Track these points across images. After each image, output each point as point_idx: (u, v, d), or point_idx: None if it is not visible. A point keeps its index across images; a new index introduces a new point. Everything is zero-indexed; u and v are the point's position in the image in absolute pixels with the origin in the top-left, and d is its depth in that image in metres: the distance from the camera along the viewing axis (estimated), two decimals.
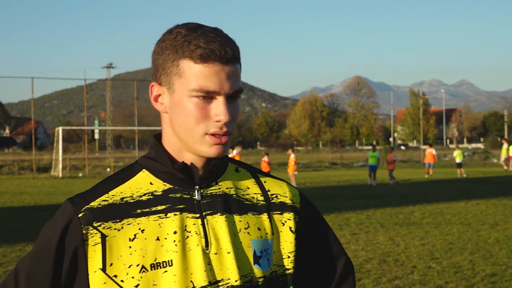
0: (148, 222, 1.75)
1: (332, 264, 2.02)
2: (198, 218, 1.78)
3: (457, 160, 41.11)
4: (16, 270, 1.80)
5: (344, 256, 2.04)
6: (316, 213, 2.04)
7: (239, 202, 1.87)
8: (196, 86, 1.71)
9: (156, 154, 1.84)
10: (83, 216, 1.73)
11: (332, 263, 2.02)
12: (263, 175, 2.00)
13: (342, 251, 2.04)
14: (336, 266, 2.02)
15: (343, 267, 2.03)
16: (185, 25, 1.77)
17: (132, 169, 1.86)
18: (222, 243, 1.77)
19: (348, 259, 2.06)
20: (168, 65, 1.75)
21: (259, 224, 1.87)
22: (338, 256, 2.03)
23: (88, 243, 1.71)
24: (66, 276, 1.74)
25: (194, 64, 1.71)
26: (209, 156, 1.77)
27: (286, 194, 1.97)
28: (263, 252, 1.84)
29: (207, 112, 1.73)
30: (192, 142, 1.76)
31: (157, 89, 1.82)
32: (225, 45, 1.72)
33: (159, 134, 1.91)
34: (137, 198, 1.78)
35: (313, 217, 2.02)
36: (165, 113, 1.83)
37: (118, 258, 1.71)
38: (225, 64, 1.72)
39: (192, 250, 1.74)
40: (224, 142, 1.76)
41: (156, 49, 1.80)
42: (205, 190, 1.83)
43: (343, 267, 2.03)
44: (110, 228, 1.73)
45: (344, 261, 2.03)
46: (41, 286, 1.75)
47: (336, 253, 2.03)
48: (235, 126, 1.81)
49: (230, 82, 1.73)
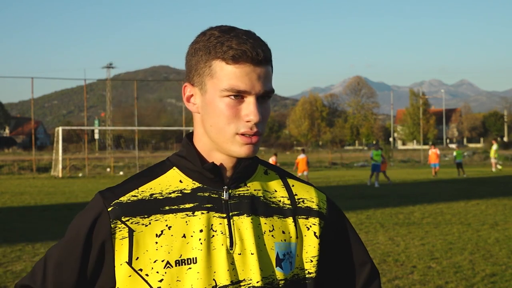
0: (175, 219, 1.79)
1: (357, 271, 2.03)
2: (224, 218, 1.81)
3: (457, 160, 41.12)
4: (45, 258, 1.86)
5: (369, 263, 2.06)
6: (342, 218, 2.05)
7: (266, 204, 1.89)
8: (228, 86, 1.74)
9: (187, 152, 1.88)
10: (112, 210, 1.78)
11: (357, 270, 2.03)
12: (291, 179, 2.01)
13: (367, 258, 2.06)
14: (361, 273, 2.03)
15: (368, 274, 2.04)
16: (218, 27, 1.81)
17: (163, 166, 1.90)
18: (247, 244, 1.80)
19: (374, 266, 2.07)
20: (201, 66, 1.79)
21: (283, 227, 1.88)
22: (363, 262, 2.04)
23: (116, 236, 1.76)
24: (92, 267, 1.80)
25: (226, 65, 1.74)
26: (240, 156, 1.80)
27: (313, 199, 1.98)
28: (286, 255, 1.86)
29: (238, 112, 1.76)
30: (222, 142, 1.79)
31: (189, 90, 1.86)
32: (257, 47, 1.75)
33: (191, 133, 1.94)
34: (166, 195, 1.82)
35: (339, 223, 2.03)
36: (197, 113, 1.86)
37: (144, 253, 1.75)
38: (257, 65, 1.75)
39: (217, 249, 1.77)
40: (255, 142, 1.78)
41: (189, 51, 1.84)
42: (233, 191, 1.85)
43: (368, 274, 2.04)
44: (138, 223, 1.77)
45: (369, 268, 2.05)
46: (68, 275, 1.81)
47: (361, 259, 2.04)
48: (265, 127, 1.83)
49: (261, 83, 1.76)
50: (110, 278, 1.78)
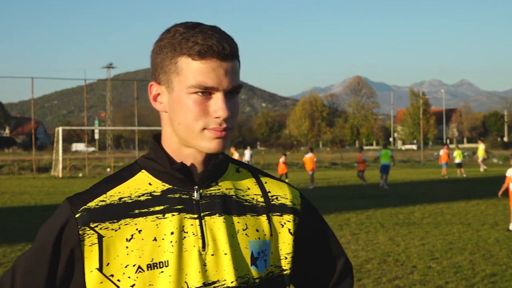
0: (145, 222, 1.74)
1: (331, 265, 2.03)
2: (196, 219, 1.77)
3: (456, 160, 41.10)
4: (13, 268, 1.80)
5: (343, 256, 2.06)
6: (316, 214, 2.04)
7: (239, 203, 1.86)
8: (194, 83, 1.70)
9: (155, 154, 1.84)
10: (80, 217, 1.73)
11: (331, 264, 2.03)
12: (264, 176, 1.99)
13: (341, 252, 2.06)
14: (335, 266, 2.03)
15: (342, 267, 2.04)
16: (183, 24, 1.77)
17: (132, 169, 1.86)
18: (220, 244, 1.76)
19: (347, 259, 2.07)
20: (167, 63, 1.75)
21: (257, 225, 1.86)
22: (337, 256, 2.04)
23: (85, 243, 1.72)
24: (62, 275, 1.74)
25: (192, 61, 1.71)
26: (210, 151, 1.76)
27: (286, 195, 1.96)
28: (261, 253, 1.83)
29: (206, 108, 1.72)
30: (191, 139, 1.75)
31: (156, 89, 1.81)
32: (223, 41, 1.72)
33: (158, 134, 1.90)
34: (135, 198, 1.78)
35: (313, 219, 2.01)
36: (164, 112, 1.82)
37: (115, 258, 1.71)
38: (223, 60, 1.71)
39: (189, 251, 1.74)
40: (224, 136, 1.75)
41: (154, 49, 1.80)
42: (205, 191, 1.82)
43: (342, 267, 2.04)
44: (107, 229, 1.73)
45: (343, 261, 2.05)
46: (37, 285, 1.75)
47: (336, 253, 2.04)
48: (236, 122, 1.80)
49: (229, 78, 1.73)
50: (81, 286, 1.74)
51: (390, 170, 30.87)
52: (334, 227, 15.57)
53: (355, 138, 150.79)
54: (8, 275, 1.80)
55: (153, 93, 1.82)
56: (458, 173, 39.95)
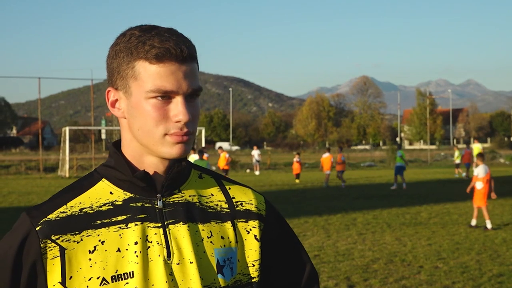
0: (108, 233, 1.70)
1: (297, 272, 1.99)
2: (160, 228, 1.73)
3: (456, 160, 41.08)
4: None
5: (309, 263, 2.02)
6: (281, 220, 2.00)
7: (202, 210, 1.82)
8: (153, 87, 1.66)
9: (116, 162, 1.79)
10: (40, 230, 1.68)
11: (297, 271, 1.99)
12: (228, 182, 1.95)
13: (307, 259, 2.02)
14: (301, 274, 2.00)
15: (307, 275, 2.00)
16: (139, 27, 1.73)
17: (91, 179, 1.81)
18: (185, 253, 1.73)
19: (313, 267, 2.03)
20: (123, 68, 1.71)
21: (222, 232, 1.82)
22: (303, 263, 2.01)
23: (47, 256, 1.67)
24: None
25: (149, 65, 1.67)
26: (171, 156, 1.72)
27: (251, 201, 1.92)
28: (226, 261, 1.80)
29: (166, 113, 1.68)
30: (152, 144, 1.71)
31: (113, 94, 1.77)
32: (181, 43, 1.68)
33: (118, 141, 1.85)
34: (96, 208, 1.73)
35: (278, 225, 1.98)
36: (123, 118, 1.78)
37: (78, 271, 1.66)
38: (182, 63, 1.68)
39: (154, 260, 1.70)
40: (186, 141, 1.71)
41: (110, 53, 1.76)
42: (168, 199, 1.78)
43: (307, 275, 2.00)
44: (69, 241, 1.68)
45: (309, 269, 2.01)
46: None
47: (301, 261, 2.01)
48: (197, 126, 1.76)
49: (188, 81, 1.69)
50: None
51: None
52: (341, 227, 15.57)
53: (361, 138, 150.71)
54: None
55: (110, 99, 1.77)
56: (456, 173, 39.94)
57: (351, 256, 11.67)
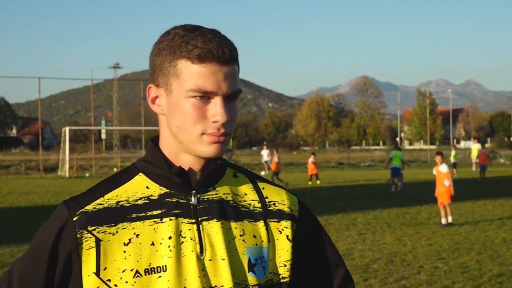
0: (143, 226, 1.73)
1: (330, 274, 1.98)
2: (193, 224, 1.76)
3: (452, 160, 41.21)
4: (10, 272, 1.79)
5: (343, 266, 2.01)
6: (315, 221, 2.01)
7: (236, 208, 1.84)
8: (193, 86, 1.69)
9: (153, 157, 1.83)
10: (77, 220, 1.72)
11: (330, 273, 1.98)
12: (261, 182, 1.97)
13: (341, 261, 2.01)
14: (335, 276, 1.99)
15: (342, 278, 2.00)
16: (182, 26, 1.76)
17: (129, 172, 1.84)
18: (217, 250, 1.75)
19: (347, 271, 2.03)
20: (166, 66, 1.74)
21: (254, 231, 1.84)
22: (336, 266, 2.00)
23: (82, 247, 1.70)
24: (59, 279, 1.73)
25: (191, 64, 1.70)
26: (207, 155, 1.75)
27: (284, 201, 1.94)
28: (258, 260, 1.81)
29: (204, 113, 1.71)
30: (189, 143, 1.74)
31: (154, 91, 1.81)
32: (223, 45, 1.71)
33: (156, 136, 1.89)
34: (132, 202, 1.77)
35: (311, 226, 1.98)
36: (162, 115, 1.82)
37: (112, 263, 1.70)
38: (223, 64, 1.70)
39: (187, 255, 1.72)
40: (222, 141, 1.74)
41: (153, 51, 1.79)
42: (202, 195, 1.81)
43: (342, 278, 2.00)
44: (104, 232, 1.72)
45: (343, 272, 2.00)
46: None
47: (335, 263, 2.00)
48: (234, 127, 1.79)
49: (228, 83, 1.71)
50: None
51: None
52: (341, 227, 15.58)
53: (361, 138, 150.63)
54: (4, 280, 1.78)
55: (151, 95, 1.81)
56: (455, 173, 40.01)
57: (351, 256, 11.67)
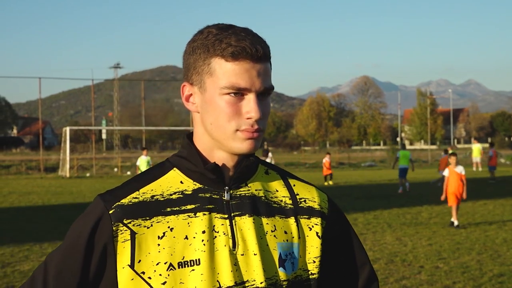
0: (177, 220, 1.77)
1: (356, 272, 2.02)
2: (226, 219, 1.79)
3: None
4: (45, 263, 1.81)
5: (368, 264, 2.04)
6: (344, 219, 2.04)
7: (267, 204, 1.87)
8: (227, 84, 1.72)
9: (188, 153, 1.86)
10: (113, 213, 1.75)
11: (356, 271, 2.02)
12: (292, 178, 2.00)
13: (367, 260, 2.05)
14: (360, 274, 2.02)
15: (367, 276, 2.03)
16: (216, 25, 1.79)
17: (163, 167, 1.88)
18: (249, 245, 1.79)
19: (373, 269, 2.06)
20: (199, 64, 1.77)
21: (286, 227, 1.87)
22: (362, 264, 2.03)
23: (118, 239, 1.74)
24: (94, 271, 1.76)
25: (225, 62, 1.73)
26: (242, 151, 1.78)
27: (314, 199, 1.97)
28: (288, 256, 1.84)
29: (238, 109, 1.75)
30: (223, 139, 1.77)
31: (188, 89, 1.84)
32: (256, 43, 1.75)
33: (191, 133, 1.92)
34: (167, 196, 1.80)
35: (340, 224, 2.02)
36: (196, 113, 1.85)
37: (147, 255, 1.73)
38: (256, 62, 1.74)
39: (220, 250, 1.76)
40: (256, 137, 1.77)
41: (187, 49, 1.82)
42: (235, 191, 1.84)
43: (367, 276, 2.03)
44: (139, 226, 1.75)
45: (368, 270, 2.04)
46: (70, 280, 1.77)
47: (361, 261, 2.03)
48: (266, 124, 1.82)
49: (261, 80, 1.75)
50: (112, 282, 1.75)
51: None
52: None
53: (362, 138, 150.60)
54: (40, 272, 1.81)
55: (185, 93, 1.85)
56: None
57: None
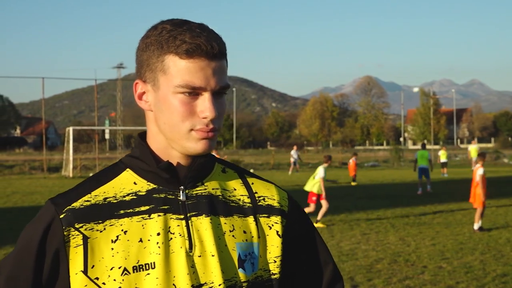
0: (131, 223, 1.70)
1: (319, 271, 1.96)
2: (182, 220, 1.73)
3: (441, 159, 41.21)
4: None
5: (332, 263, 1.98)
6: (304, 217, 1.98)
7: (225, 203, 1.82)
8: (182, 82, 1.66)
9: (141, 153, 1.80)
10: (64, 217, 1.69)
11: (319, 270, 1.96)
12: (251, 177, 1.95)
13: (330, 258, 1.98)
14: (323, 274, 1.96)
15: (331, 275, 1.97)
16: (170, 21, 1.73)
17: (116, 168, 1.82)
18: (207, 246, 1.72)
19: (336, 267, 1.99)
20: (153, 61, 1.71)
21: (244, 227, 1.81)
22: (325, 263, 1.97)
23: (70, 244, 1.67)
24: (47, 277, 1.70)
25: (179, 60, 1.67)
26: (196, 152, 1.72)
27: (274, 196, 1.92)
28: (248, 256, 1.78)
29: (192, 109, 1.69)
30: (177, 139, 1.72)
31: (141, 87, 1.77)
32: (212, 40, 1.68)
33: (144, 132, 1.86)
34: (120, 198, 1.74)
35: (301, 222, 1.96)
36: (149, 111, 1.79)
37: (100, 260, 1.67)
38: (211, 59, 1.67)
39: (176, 252, 1.69)
40: (211, 137, 1.71)
41: (140, 45, 1.76)
42: (191, 191, 1.78)
43: (331, 275, 1.97)
44: (92, 230, 1.69)
45: (332, 269, 1.97)
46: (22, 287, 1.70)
47: (324, 260, 1.97)
48: (222, 123, 1.76)
49: (217, 78, 1.68)
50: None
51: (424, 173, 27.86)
52: (345, 227, 15.57)
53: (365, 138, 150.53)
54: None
55: (138, 91, 1.79)
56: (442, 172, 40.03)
57: (355, 256, 11.66)
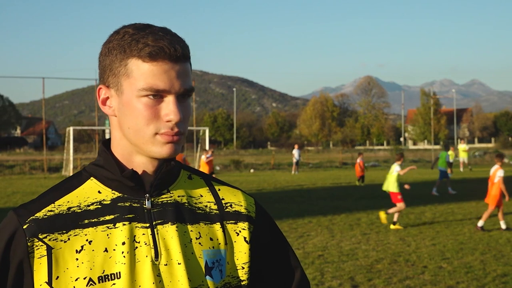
0: (96, 232, 1.68)
1: (287, 276, 1.95)
2: (148, 228, 1.71)
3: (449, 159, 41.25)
4: None
5: (299, 268, 1.97)
6: (272, 223, 1.98)
7: (191, 211, 1.80)
8: (145, 85, 1.65)
9: (104, 160, 1.77)
10: (28, 228, 1.65)
11: (287, 275, 1.95)
12: (217, 183, 1.93)
13: (297, 263, 1.98)
14: (291, 278, 1.95)
15: (299, 280, 1.96)
16: (132, 25, 1.71)
17: (80, 177, 1.79)
18: (173, 254, 1.70)
19: (303, 273, 1.99)
20: (116, 65, 1.69)
21: (211, 234, 1.80)
22: (293, 268, 1.96)
23: (34, 255, 1.64)
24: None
25: (142, 63, 1.65)
26: (161, 156, 1.70)
27: (241, 203, 1.90)
28: (215, 263, 1.77)
29: (157, 112, 1.67)
30: (142, 144, 1.69)
31: (104, 92, 1.75)
32: (175, 42, 1.67)
33: (108, 140, 1.83)
34: (84, 207, 1.71)
35: (268, 227, 1.95)
36: (113, 116, 1.76)
37: (65, 271, 1.64)
38: (175, 62, 1.66)
39: (141, 261, 1.67)
40: (176, 141, 1.69)
41: (102, 51, 1.74)
42: (156, 199, 1.76)
43: (299, 280, 1.96)
44: (56, 240, 1.65)
45: (299, 273, 1.96)
46: None
47: (292, 265, 1.96)
48: (187, 126, 1.74)
49: (181, 81, 1.67)
50: None
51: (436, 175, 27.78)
52: (345, 227, 15.57)
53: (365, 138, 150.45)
54: None
55: (101, 96, 1.76)
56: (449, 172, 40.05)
57: (355, 256, 11.67)
